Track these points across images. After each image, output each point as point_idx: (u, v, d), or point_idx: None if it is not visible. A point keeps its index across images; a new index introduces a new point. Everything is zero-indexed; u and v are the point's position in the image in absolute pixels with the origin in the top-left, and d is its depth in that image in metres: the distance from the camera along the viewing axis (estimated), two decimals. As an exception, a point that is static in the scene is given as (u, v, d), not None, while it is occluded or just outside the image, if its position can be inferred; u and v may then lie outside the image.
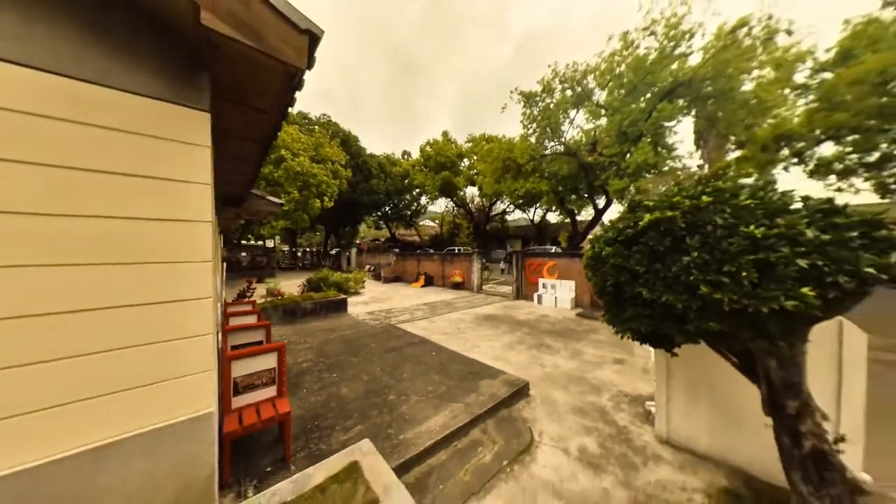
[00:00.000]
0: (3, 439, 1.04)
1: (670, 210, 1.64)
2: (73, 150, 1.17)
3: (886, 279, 1.25)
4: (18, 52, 1.06)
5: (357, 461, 1.80)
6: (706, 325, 1.48)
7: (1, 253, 1.04)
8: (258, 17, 1.26)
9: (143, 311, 1.29)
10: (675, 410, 2.63)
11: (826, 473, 1.63)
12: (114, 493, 1.22)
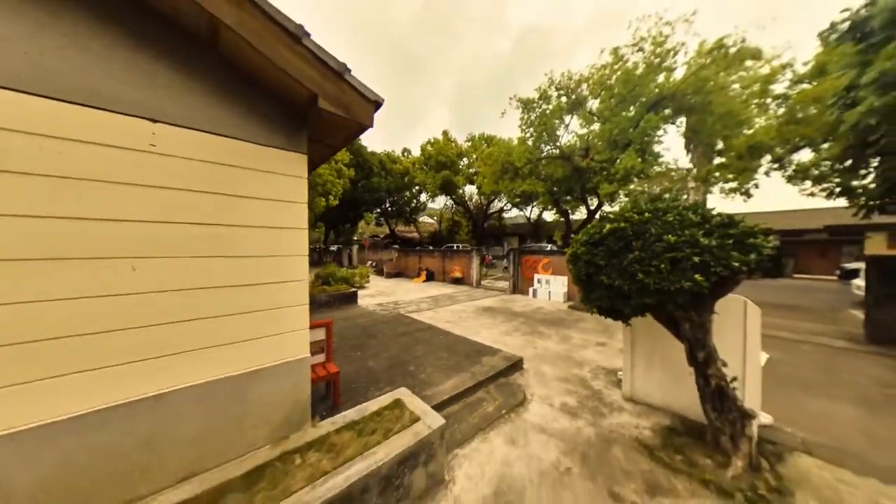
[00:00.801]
0: (198, 364, 1.73)
1: (624, 222, 2.36)
2: (226, 184, 1.83)
3: (746, 270, 1.98)
4: (190, 121, 1.71)
5: (400, 398, 2.51)
6: (642, 300, 2.20)
7: (197, 248, 1.72)
8: (349, 98, 1.93)
9: (268, 292, 1.97)
10: (637, 374, 3.37)
11: (726, 404, 2.38)
12: (262, 401, 1.92)
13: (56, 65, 1.33)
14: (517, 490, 2.16)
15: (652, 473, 2.31)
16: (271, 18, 1.60)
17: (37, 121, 1.30)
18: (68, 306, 1.38)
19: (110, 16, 1.46)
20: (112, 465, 1.48)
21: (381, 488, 1.82)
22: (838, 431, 2.85)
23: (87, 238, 1.41)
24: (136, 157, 1.52)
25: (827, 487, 2.17)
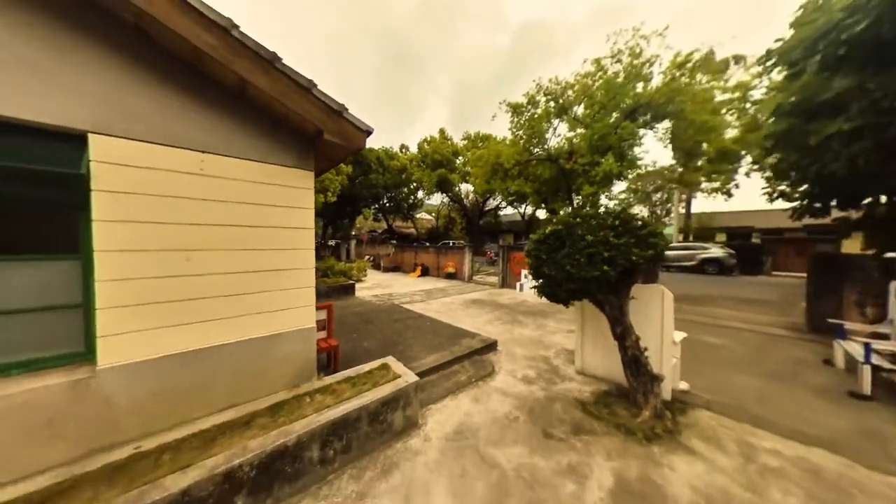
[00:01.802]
0: (240, 327, 2.38)
1: (561, 225, 3.01)
2: (255, 196, 2.46)
3: (643, 263, 2.63)
4: (227, 150, 2.34)
5: (387, 363, 3.17)
6: (569, 286, 2.86)
7: (238, 243, 2.36)
8: (347, 130, 2.56)
9: (292, 273, 2.62)
10: (586, 352, 4.05)
11: (640, 369, 3.05)
12: (281, 357, 2.58)
13: (151, 119, 1.97)
14: (473, 430, 2.83)
15: (580, 421, 2.99)
16: (289, 77, 2.22)
17: (138, 157, 1.94)
18: (174, 282, 2.04)
19: (175, 80, 2.08)
20: (186, 390, 2.14)
21: (369, 420, 2.48)
22: (739, 395, 3.53)
23: (174, 236, 2.06)
24: (192, 179, 2.16)
25: (709, 429, 2.86)
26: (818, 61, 3.02)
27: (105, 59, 1.82)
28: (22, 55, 1.61)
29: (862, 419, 3.04)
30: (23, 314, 1.73)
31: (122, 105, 1.86)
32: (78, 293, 1.85)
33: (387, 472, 2.30)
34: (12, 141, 1.64)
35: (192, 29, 1.80)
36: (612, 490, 2.15)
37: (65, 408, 1.74)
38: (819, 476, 2.29)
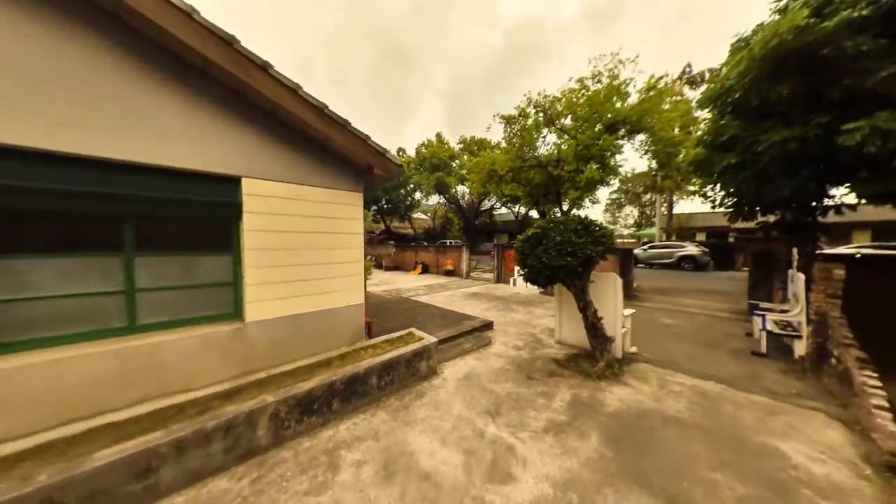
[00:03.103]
0: (320, 301, 3.49)
1: (539, 229, 4.17)
2: (327, 211, 3.57)
3: (597, 255, 3.80)
4: (311, 181, 3.44)
5: (412, 331, 4.30)
6: (544, 273, 4.01)
7: (319, 244, 3.48)
8: (388, 166, 3.69)
9: (350, 265, 3.74)
10: (563, 326, 5.22)
11: (597, 332, 4.23)
12: (343, 323, 3.70)
13: (272, 165, 3.08)
14: (477, 375, 3.98)
15: (554, 370, 4.15)
16: (355, 134, 3.34)
17: (271, 191, 3.04)
18: (284, 269, 3.15)
19: (288, 141, 3.18)
20: (291, 340, 3.25)
21: (406, 365, 3.61)
22: (674, 355, 4.73)
23: (284, 239, 3.17)
24: (293, 202, 3.26)
25: (643, 374, 4.04)
26: (718, 111, 4.17)
27: (252, 133, 2.92)
28: (207, 132, 2.71)
29: (752, 368, 4.26)
30: (205, 287, 2.82)
31: (259, 160, 2.96)
32: (232, 276, 2.94)
33: (419, 396, 3.43)
34: (203, 184, 2.73)
35: (305, 113, 2.91)
36: (569, 402, 3.31)
37: (230, 345, 2.84)
38: (704, 394, 3.48)
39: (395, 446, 2.60)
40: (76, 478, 1.76)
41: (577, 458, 2.48)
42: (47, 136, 2.07)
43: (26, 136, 2.01)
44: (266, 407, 2.49)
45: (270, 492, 2.12)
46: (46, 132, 2.07)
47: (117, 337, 2.42)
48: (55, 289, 2.23)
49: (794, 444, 2.62)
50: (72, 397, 2.18)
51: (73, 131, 2.15)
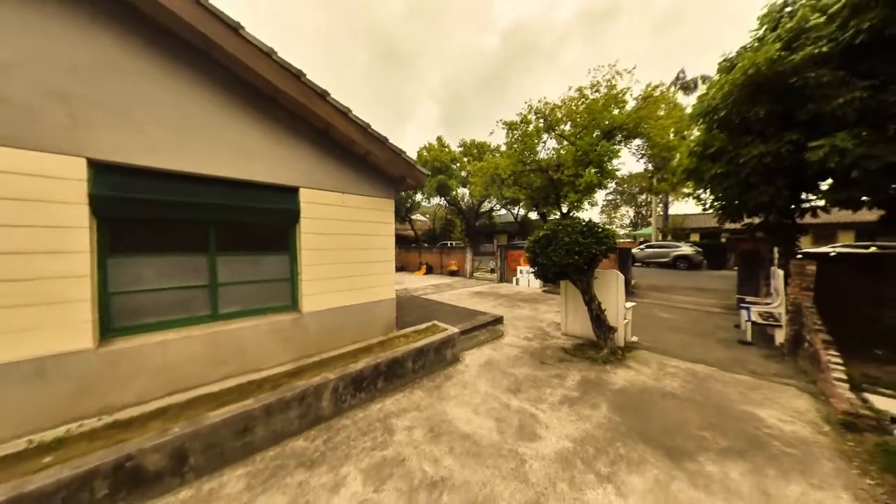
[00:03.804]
0: (360, 295, 3.96)
1: (548, 231, 4.67)
2: (365, 216, 4.04)
3: (600, 254, 4.31)
4: (352, 190, 3.92)
5: (435, 322, 4.77)
6: (553, 269, 4.51)
7: (358, 245, 3.95)
8: (417, 175, 4.17)
9: (383, 264, 4.21)
10: (569, 319, 5.72)
11: (601, 323, 4.73)
12: (378, 315, 4.17)
13: (323, 177, 3.54)
14: (495, 361, 4.45)
15: (563, 356, 4.65)
16: (393, 150, 3.81)
17: (321, 199, 3.51)
18: (332, 266, 3.61)
19: (336, 156, 3.65)
20: (337, 329, 3.70)
21: (434, 351, 4.08)
22: (670, 344, 5.25)
23: (332, 241, 3.63)
24: (338, 208, 3.72)
25: (643, 359, 4.55)
26: (706, 126, 4.71)
27: (308, 150, 3.39)
28: (274, 149, 3.17)
29: (738, 354, 4.79)
30: (270, 282, 3.28)
31: (314, 172, 3.43)
32: (290, 273, 3.40)
33: (448, 379, 3.90)
34: (271, 194, 3.19)
35: (353, 132, 3.39)
36: (579, 381, 3.81)
37: (290, 332, 3.29)
38: (696, 375, 4.00)
39: (436, 416, 3.07)
40: (199, 432, 2.21)
41: (590, 422, 2.97)
42: (149, 154, 2.52)
43: (147, 158, 2.46)
44: (328, 383, 2.95)
45: (342, 448, 2.58)
46: (163, 154, 2.52)
47: (205, 323, 2.87)
48: (160, 283, 2.68)
49: (769, 411, 3.13)
50: (175, 372, 2.62)
51: (176, 153, 2.60)
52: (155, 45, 2.49)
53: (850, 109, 3.46)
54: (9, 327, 2.00)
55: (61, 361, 2.16)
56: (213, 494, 2.10)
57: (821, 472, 2.31)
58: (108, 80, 2.31)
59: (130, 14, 2.37)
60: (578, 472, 2.32)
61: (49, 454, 1.97)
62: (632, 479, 2.25)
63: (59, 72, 2.13)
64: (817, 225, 17.56)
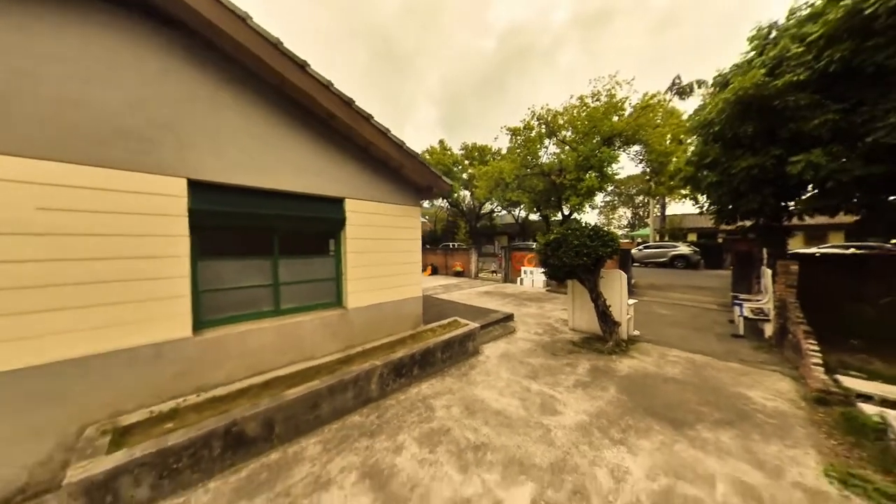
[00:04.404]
0: (392, 292, 4.41)
1: (559, 234, 5.15)
2: (395, 221, 4.50)
3: (606, 256, 4.79)
4: (386, 199, 4.37)
5: (456, 319, 5.23)
6: (563, 269, 4.99)
7: (389, 248, 4.41)
8: (442, 185, 4.63)
9: (411, 265, 4.67)
10: (576, 315, 6.20)
11: (607, 318, 5.22)
12: (407, 311, 4.62)
13: (364, 188, 4.01)
14: (512, 353, 4.92)
15: (572, 349, 5.12)
16: (423, 163, 4.28)
17: (362, 208, 3.97)
18: (370, 267, 4.06)
19: (373, 169, 4.10)
20: (375, 323, 4.16)
21: (458, 344, 4.54)
22: (669, 337, 5.74)
23: (370, 244, 4.09)
24: (375, 215, 4.18)
25: (645, 350, 5.03)
26: (702, 139, 5.21)
27: (352, 165, 3.85)
28: (326, 165, 3.62)
29: (731, 346, 5.28)
30: (320, 282, 3.73)
31: (356, 184, 3.89)
32: (336, 273, 3.85)
33: (472, 368, 4.35)
34: (322, 204, 3.65)
35: (390, 148, 3.85)
36: (589, 369, 4.28)
37: (338, 325, 3.74)
38: (693, 363, 4.48)
39: (468, 397, 3.53)
40: (281, 406, 2.66)
41: (602, 401, 3.44)
42: (239, 175, 2.97)
43: (229, 176, 2.91)
44: (375, 369, 3.40)
45: (393, 422, 3.03)
46: (242, 173, 2.97)
47: (272, 317, 3.32)
48: (236, 282, 3.13)
49: (756, 391, 3.62)
50: (252, 358, 3.06)
51: (251, 172, 3.06)
52: (240, 82, 2.95)
53: (824, 129, 3.97)
54: (133, 318, 2.44)
55: (169, 347, 2.60)
56: (297, 456, 2.55)
57: (795, 435, 2.79)
58: (203, 113, 2.75)
59: (223, 59, 2.83)
60: (595, 438, 2.79)
61: (169, 422, 2.41)
62: (641, 443, 2.72)
63: (169, 108, 2.58)
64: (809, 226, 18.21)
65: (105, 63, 2.32)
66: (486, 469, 2.42)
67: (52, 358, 2.13)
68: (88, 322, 2.26)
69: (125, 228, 2.40)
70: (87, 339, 2.26)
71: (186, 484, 2.17)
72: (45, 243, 2.11)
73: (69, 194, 2.18)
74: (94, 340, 2.28)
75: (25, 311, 2.04)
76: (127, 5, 2.41)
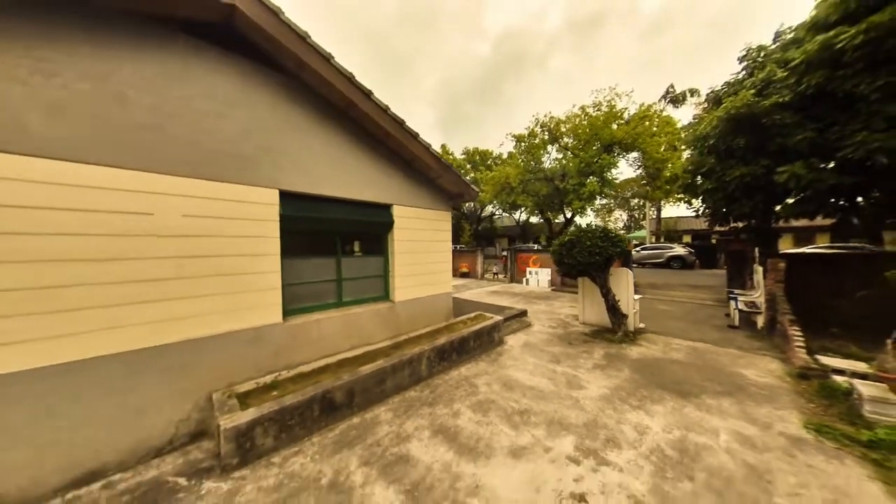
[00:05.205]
0: (426, 288, 4.96)
1: (572, 236, 5.74)
2: (431, 225, 5.04)
3: (615, 256, 5.38)
4: (425, 205, 4.92)
5: (481, 313, 5.77)
6: (578, 267, 5.57)
7: (426, 249, 4.95)
8: (471, 193, 5.21)
9: (444, 264, 5.22)
10: (586, 310, 6.78)
11: (616, 311, 5.80)
12: (441, 306, 5.16)
13: (407, 196, 4.56)
14: (532, 343, 5.47)
15: (585, 339, 5.69)
16: (457, 174, 4.84)
17: (406, 213, 4.52)
18: (413, 266, 4.61)
19: (416, 179, 4.65)
20: (416, 315, 4.69)
21: (486, 334, 5.08)
22: (672, 329, 6.33)
23: (412, 245, 4.64)
24: (416, 220, 4.73)
25: (651, 339, 5.62)
26: (698, 151, 5.85)
27: (398, 176, 4.40)
28: (379, 177, 4.17)
29: (727, 335, 5.88)
30: (372, 278, 4.26)
31: (401, 193, 4.44)
32: (384, 270, 4.39)
33: (500, 355, 4.90)
34: (376, 210, 4.19)
35: (431, 161, 4.41)
36: (603, 355, 4.84)
37: (387, 316, 4.27)
38: (695, 349, 5.07)
39: (503, 377, 4.07)
40: (357, 380, 3.18)
41: (618, 379, 4.00)
42: (316, 186, 3.51)
43: (308, 187, 3.45)
44: (424, 352, 3.93)
45: (445, 396, 3.56)
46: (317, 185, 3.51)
47: (337, 308, 3.84)
48: (311, 277, 3.65)
49: (750, 370, 4.21)
50: (325, 342, 3.58)
51: (324, 183, 3.59)
52: (317, 111, 3.50)
53: (804, 144, 4.61)
54: (242, 306, 2.95)
55: (266, 331, 3.11)
56: (374, 419, 3.07)
57: (781, 401, 3.38)
58: (291, 137, 3.30)
59: (310, 93, 3.40)
60: (618, 405, 3.35)
61: (272, 391, 2.92)
62: (655, 408, 3.29)
63: (270, 135, 3.12)
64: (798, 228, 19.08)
65: (230, 102, 2.86)
66: (532, 427, 2.96)
67: (189, 336, 2.64)
68: (211, 308, 2.77)
69: (234, 231, 2.92)
70: (209, 323, 2.77)
71: (297, 438, 2.69)
72: (183, 243, 2.63)
73: (199, 204, 2.70)
74: (215, 323, 2.79)
75: (164, 298, 2.55)
76: (249, 56, 2.96)
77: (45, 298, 2.03)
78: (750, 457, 2.54)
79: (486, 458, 2.55)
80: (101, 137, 2.25)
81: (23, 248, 1.98)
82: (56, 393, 2.08)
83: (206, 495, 2.14)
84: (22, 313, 1.97)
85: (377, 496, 2.16)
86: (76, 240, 2.14)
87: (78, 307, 2.14)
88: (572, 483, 2.28)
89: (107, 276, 2.22)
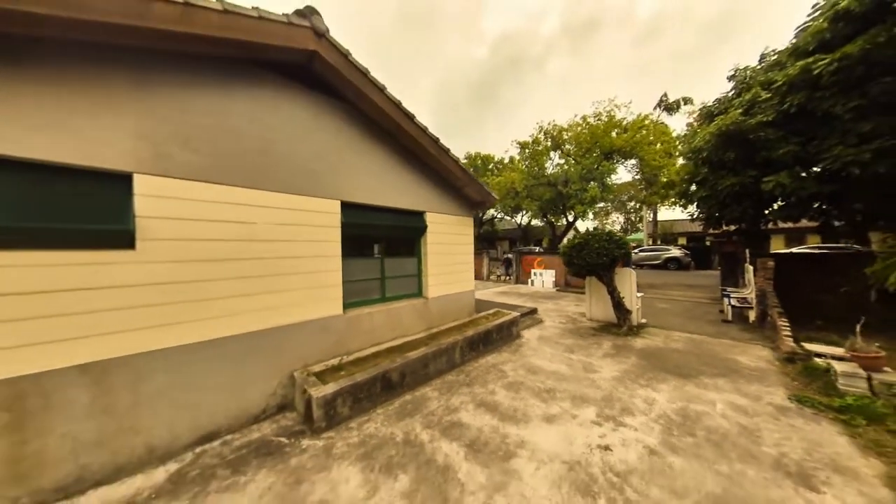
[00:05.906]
0: (453, 286, 5.49)
1: (581, 239, 6.31)
2: (455, 229, 5.60)
3: (620, 256, 5.96)
4: (450, 211, 5.48)
5: (499, 310, 6.31)
6: (586, 267, 6.14)
7: (450, 252, 5.51)
8: (491, 199, 5.78)
9: (467, 265, 5.77)
10: (592, 307, 7.34)
11: (621, 308, 6.38)
12: (465, 303, 5.70)
13: (437, 203, 5.12)
14: (547, 336, 6.02)
15: (594, 333, 6.24)
16: (480, 184, 5.40)
17: (436, 219, 5.07)
18: (441, 266, 5.15)
19: (444, 189, 5.21)
20: (445, 310, 5.22)
21: (506, 328, 5.62)
22: (671, 324, 6.91)
23: (441, 248, 5.19)
24: (441, 224, 5.28)
25: (653, 333, 6.18)
26: (693, 162, 6.46)
27: (430, 187, 4.95)
28: (414, 187, 4.72)
29: (722, 328, 6.47)
30: (409, 276, 4.80)
31: (433, 201, 5.00)
32: (418, 270, 4.92)
33: (519, 346, 5.43)
34: (411, 216, 4.74)
35: (459, 172, 4.97)
36: (611, 345, 5.40)
37: (422, 311, 4.80)
38: (693, 340, 5.65)
39: (526, 364, 4.61)
40: (407, 364, 3.70)
41: (627, 364, 4.55)
42: (366, 197, 4.05)
43: (362, 198, 3.99)
44: (457, 342, 4.47)
45: (479, 379, 4.09)
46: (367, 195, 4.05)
47: (382, 303, 4.37)
48: (362, 275, 4.18)
49: (743, 357, 4.78)
50: (375, 332, 4.11)
51: (373, 194, 4.14)
52: (371, 133, 4.06)
53: (788, 157, 5.22)
54: (311, 299, 3.47)
55: (331, 321, 3.64)
56: (423, 396, 3.59)
57: (769, 380, 3.95)
58: (349, 155, 3.85)
59: (365, 118, 3.96)
60: (628, 384, 3.90)
61: (339, 371, 3.44)
62: (661, 386, 3.84)
63: (333, 154, 3.67)
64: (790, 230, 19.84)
65: (307, 128, 3.43)
66: (559, 401, 3.50)
67: (279, 323, 3.17)
68: (293, 301, 3.29)
69: (308, 236, 3.45)
70: (292, 313, 3.29)
71: (365, 409, 3.20)
72: (274, 247, 3.15)
73: (285, 213, 3.24)
74: (296, 314, 3.32)
75: (262, 291, 3.07)
76: (319, 89, 3.52)
77: (193, 290, 2.57)
78: (742, 420, 3.09)
79: (524, 423, 3.08)
80: (222, 161, 2.79)
81: (181, 250, 2.51)
82: (193, 364, 2.60)
83: (307, 449, 2.66)
84: (178, 301, 2.50)
85: (445, 448, 2.68)
86: (207, 244, 2.67)
87: (211, 297, 2.67)
88: (598, 438, 2.82)
89: (227, 272, 2.75)
